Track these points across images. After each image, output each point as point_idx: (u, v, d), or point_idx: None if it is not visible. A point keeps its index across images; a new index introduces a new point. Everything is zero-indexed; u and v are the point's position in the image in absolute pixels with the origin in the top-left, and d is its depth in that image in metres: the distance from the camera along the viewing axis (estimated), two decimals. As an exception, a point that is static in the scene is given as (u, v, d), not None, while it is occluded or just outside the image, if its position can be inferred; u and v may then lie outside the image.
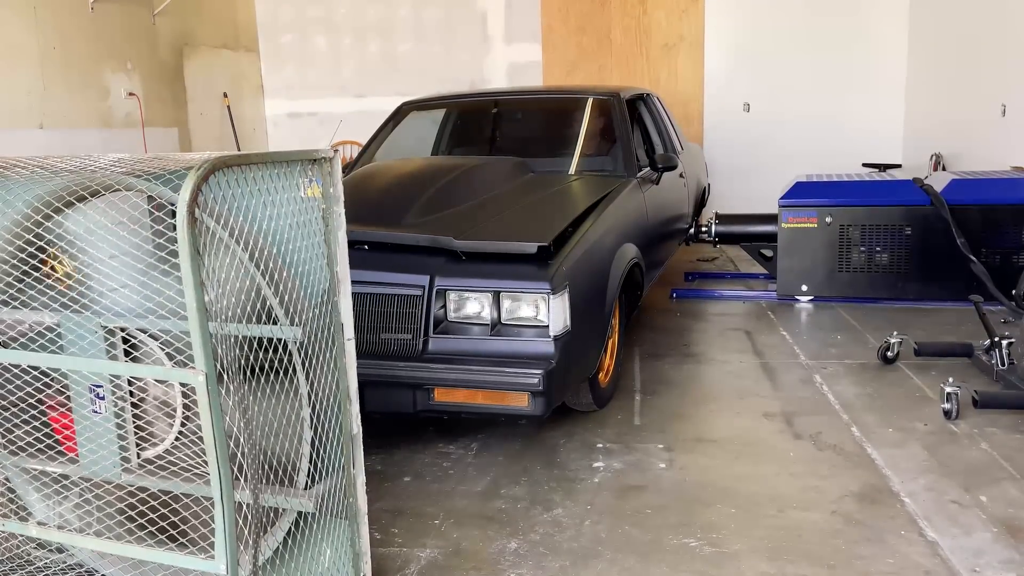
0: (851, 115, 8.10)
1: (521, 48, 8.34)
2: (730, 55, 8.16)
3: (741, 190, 8.22)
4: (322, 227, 1.92)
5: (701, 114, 8.28)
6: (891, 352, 3.96)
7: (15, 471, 2.14)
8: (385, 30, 8.47)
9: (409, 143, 5.14)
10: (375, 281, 2.97)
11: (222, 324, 1.65)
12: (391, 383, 2.88)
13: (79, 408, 1.96)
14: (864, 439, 3.12)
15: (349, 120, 8.56)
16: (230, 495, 1.62)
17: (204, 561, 1.65)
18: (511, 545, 2.46)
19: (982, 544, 2.35)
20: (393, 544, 2.49)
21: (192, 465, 1.90)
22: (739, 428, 3.27)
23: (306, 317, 1.87)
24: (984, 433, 3.13)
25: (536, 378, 2.75)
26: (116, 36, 6.33)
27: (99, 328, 1.87)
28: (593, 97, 4.73)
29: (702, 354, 4.27)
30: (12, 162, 1.82)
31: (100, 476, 1.95)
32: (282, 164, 1.79)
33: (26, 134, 5.42)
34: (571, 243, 3.15)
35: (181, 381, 1.65)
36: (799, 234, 5.26)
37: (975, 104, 6.52)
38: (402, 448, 3.20)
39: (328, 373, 1.94)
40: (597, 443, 3.18)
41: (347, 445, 2.00)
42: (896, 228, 5.13)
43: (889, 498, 2.65)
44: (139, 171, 1.66)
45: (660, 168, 4.44)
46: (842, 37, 8.00)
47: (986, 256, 4.96)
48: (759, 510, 2.60)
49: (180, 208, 1.50)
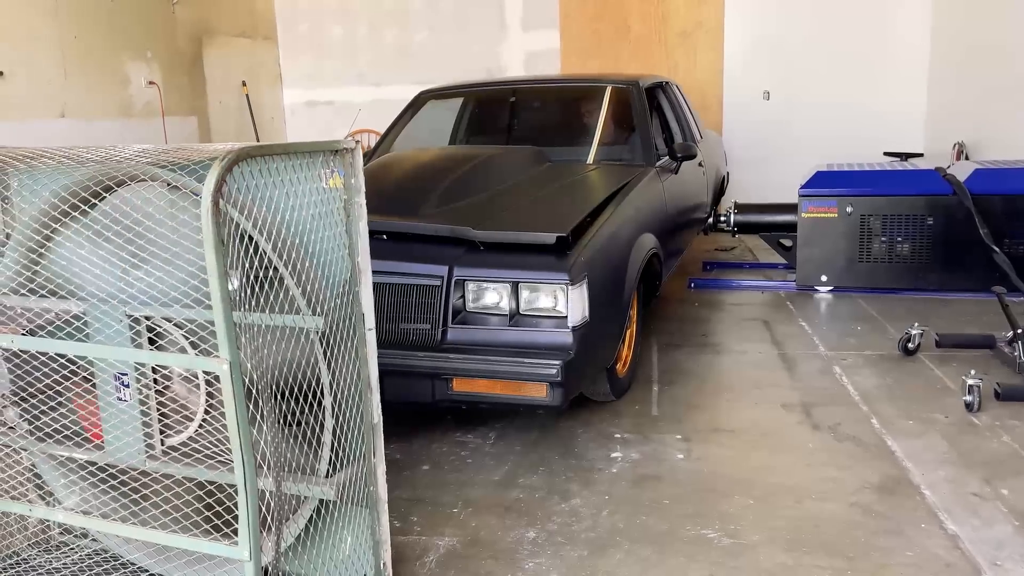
0: (872, 103, 8.00)
1: (538, 35, 8.30)
2: (749, 42, 8.09)
3: (759, 179, 8.16)
4: (343, 217, 1.93)
5: (720, 102, 8.22)
6: (912, 343, 3.93)
7: (42, 457, 2.17)
8: (401, 18, 8.46)
9: (426, 132, 5.14)
10: (394, 271, 2.98)
11: (245, 313, 1.67)
12: (410, 373, 2.89)
13: (104, 396, 1.99)
14: (883, 430, 3.11)
15: (366, 109, 8.57)
16: (253, 482, 1.64)
17: (228, 547, 1.68)
18: (529, 534, 2.47)
19: (1003, 537, 2.34)
20: (412, 532, 2.51)
21: (216, 452, 1.92)
22: (757, 419, 3.27)
23: (328, 307, 1.88)
24: (1006, 426, 3.10)
25: (555, 369, 2.76)
26: (136, 25, 6.36)
27: (124, 316, 1.89)
28: (612, 85, 4.70)
29: (720, 344, 4.26)
30: (39, 152, 1.84)
31: (125, 463, 1.98)
32: (304, 155, 1.80)
33: (47, 123, 5.47)
34: (590, 233, 3.14)
35: (205, 369, 1.67)
36: (819, 224, 5.22)
37: (999, 92, 6.43)
38: (420, 437, 3.22)
39: (349, 363, 1.96)
40: (614, 433, 3.18)
41: (368, 434, 2.02)
42: (918, 218, 5.07)
43: (909, 490, 2.64)
44: (164, 162, 1.67)
45: (679, 157, 4.42)
46: (863, 23, 7.90)
47: (1009, 247, 4.90)
48: (777, 501, 2.60)
49: (204, 198, 1.52)
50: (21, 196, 2.19)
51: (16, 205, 2.20)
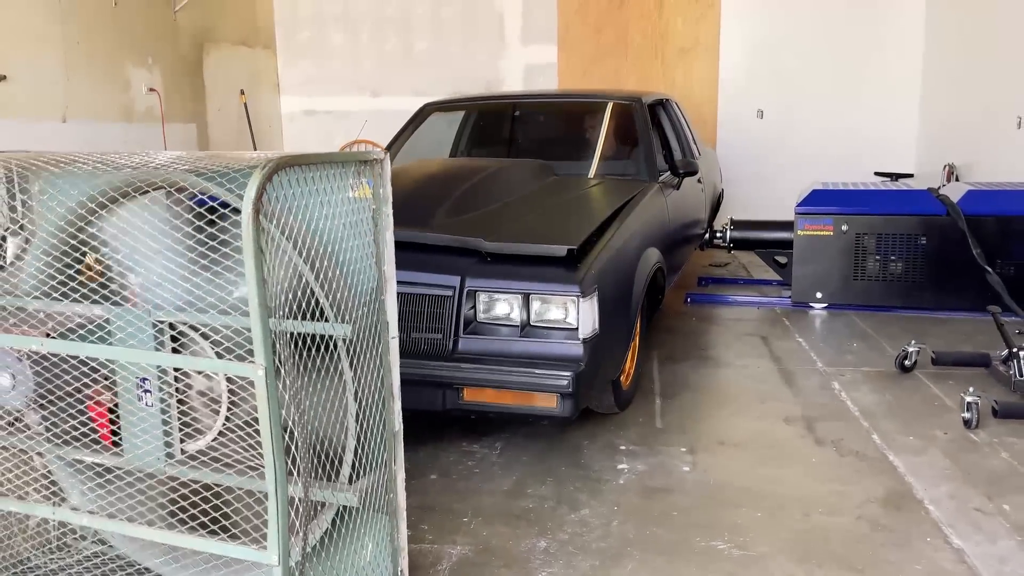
0: (864, 123, 8.13)
1: (537, 49, 8.38)
2: (745, 61, 8.20)
3: (752, 195, 8.26)
4: (372, 227, 1.95)
5: (715, 118, 8.32)
6: (909, 361, 3.99)
7: (60, 464, 2.17)
8: (401, 29, 8.51)
9: (427, 144, 5.18)
10: (406, 281, 3.00)
11: (280, 320, 1.69)
12: (421, 382, 2.91)
13: (125, 401, 1.99)
14: (885, 446, 3.16)
15: (365, 118, 8.59)
16: (284, 488, 1.66)
17: (257, 552, 1.69)
18: (540, 544, 2.50)
19: (1007, 552, 2.38)
20: (424, 541, 2.53)
21: (237, 459, 1.94)
22: (760, 432, 3.31)
23: (356, 315, 1.91)
24: (1004, 443, 3.16)
25: (566, 380, 2.79)
26: (138, 31, 6.37)
27: (149, 323, 1.90)
28: (615, 101, 4.76)
29: (719, 358, 4.30)
30: (72, 157, 1.85)
31: (145, 469, 1.98)
32: (337, 165, 1.83)
33: (49, 126, 5.46)
34: (599, 246, 3.18)
35: (240, 375, 1.68)
36: (815, 241, 5.29)
37: (990, 115, 6.55)
38: (427, 446, 3.23)
39: (373, 370, 1.98)
40: (620, 445, 3.21)
41: (390, 441, 2.04)
42: (912, 237, 5.16)
43: (913, 504, 2.68)
44: (201, 169, 1.69)
45: (682, 173, 4.48)
46: (857, 46, 8.04)
47: (1001, 267, 4.99)
48: (784, 513, 2.64)
49: (245, 207, 1.54)
50: (41, 201, 2.20)
51: (37, 210, 2.21)
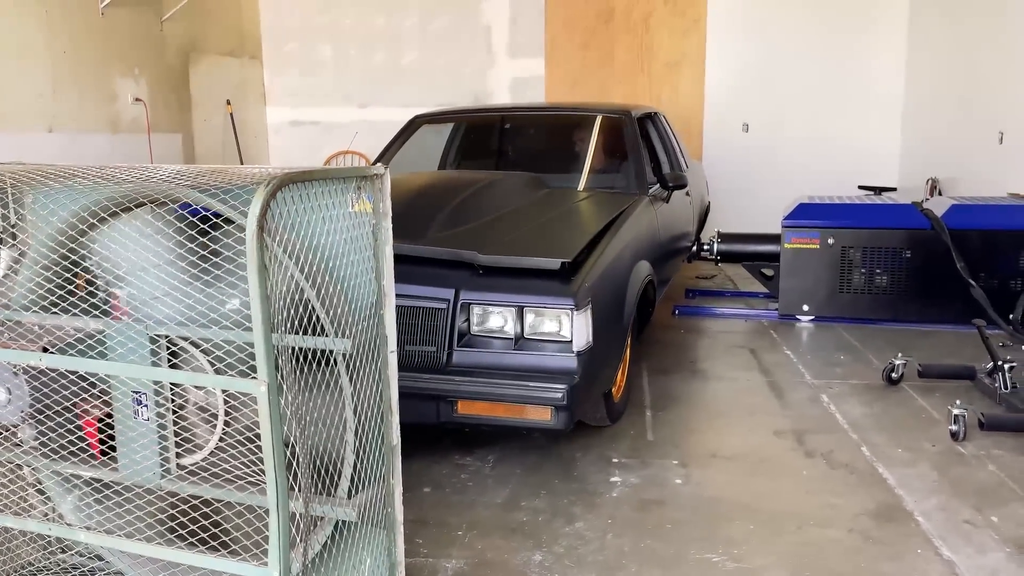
0: (848, 137, 8.24)
1: (524, 63, 8.42)
2: (730, 75, 8.29)
3: (737, 209, 8.33)
4: (371, 241, 1.96)
5: (701, 132, 8.39)
6: (896, 373, 4.04)
7: (54, 480, 2.15)
8: (389, 41, 8.53)
9: (416, 156, 5.19)
10: (401, 294, 3.00)
11: (281, 335, 1.68)
12: (415, 394, 2.91)
13: (121, 415, 1.98)
14: (874, 458, 3.19)
15: (351, 130, 8.59)
16: (285, 504, 1.65)
17: (257, 568, 1.68)
18: (536, 557, 2.50)
19: (997, 564, 2.41)
20: (419, 554, 2.52)
21: (236, 474, 1.93)
22: (752, 445, 3.33)
23: (355, 330, 1.91)
24: (991, 455, 3.20)
25: (560, 392, 2.80)
26: (124, 41, 6.34)
27: (145, 337, 1.90)
28: (605, 115, 4.80)
29: (709, 371, 4.33)
30: (72, 171, 1.85)
31: (141, 483, 1.97)
32: (339, 180, 1.84)
33: (35, 137, 5.42)
34: (592, 259, 3.20)
35: (242, 391, 1.68)
36: (802, 254, 5.34)
37: (972, 130, 6.66)
38: (419, 459, 3.23)
39: (372, 384, 1.98)
40: (612, 457, 3.22)
41: (388, 456, 2.03)
42: (897, 251, 5.22)
43: (904, 517, 2.71)
44: (203, 185, 1.69)
45: (671, 186, 4.51)
46: (841, 62, 8.14)
47: (985, 281, 5.06)
48: (778, 526, 2.66)
49: (250, 224, 1.54)
50: (36, 213, 2.19)
51: (31, 223, 2.19)
